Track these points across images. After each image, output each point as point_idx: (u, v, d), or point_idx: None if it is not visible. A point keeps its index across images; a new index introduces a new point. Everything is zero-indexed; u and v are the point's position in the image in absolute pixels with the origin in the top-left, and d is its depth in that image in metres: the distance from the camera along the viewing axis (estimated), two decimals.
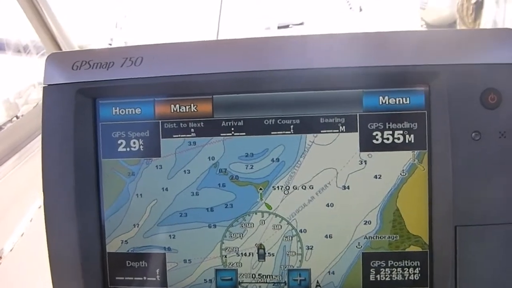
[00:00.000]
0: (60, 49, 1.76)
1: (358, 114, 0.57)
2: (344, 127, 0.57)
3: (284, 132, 0.58)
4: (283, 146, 0.58)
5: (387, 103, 0.57)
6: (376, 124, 0.57)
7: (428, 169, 0.57)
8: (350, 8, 4.71)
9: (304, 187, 0.58)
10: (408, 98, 0.57)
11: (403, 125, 0.57)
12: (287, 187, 0.58)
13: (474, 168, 0.55)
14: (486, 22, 3.43)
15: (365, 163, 0.57)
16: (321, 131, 0.58)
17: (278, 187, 0.58)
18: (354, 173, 0.57)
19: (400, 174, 0.57)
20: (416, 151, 0.57)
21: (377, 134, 0.57)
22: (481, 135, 0.55)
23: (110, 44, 2.58)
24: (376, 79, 0.57)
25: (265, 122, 0.58)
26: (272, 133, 0.58)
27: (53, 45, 1.74)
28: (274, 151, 0.58)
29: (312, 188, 0.58)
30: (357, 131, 0.57)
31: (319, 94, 0.58)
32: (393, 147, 0.57)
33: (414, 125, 0.57)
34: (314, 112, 0.58)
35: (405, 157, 0.57)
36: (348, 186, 0.57)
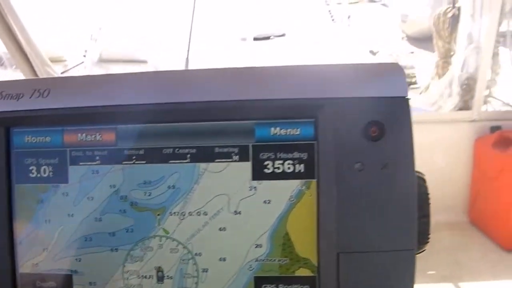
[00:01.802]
0: (29, 62, 1.79)
1: (250, 144, 0.60)
2: (237, 156, 0.61)
3: (181, 161, 0.61)
4: (178, 174, 0.61)
5: (278, 134, 0.60)
6: (267, 154, 0.60)
7: (317, 196, 0.60)
8: (333, 20, 4.77)
9: (198, 213, 0.61)
10: (298, 129, 0.60)
11: (293, 155, 0.60)
12: (183, 213, 0.61)
13: (357, 198, 0.58)
14: (462, 35, 3.48)
15: (255, 189, 0.60)
16: (216, 160, 0.61)
17: (174, 213, 0.61)
18: (245, 199, 0.60)
19: (289, 199, 0.60)
20: (304, 180, 0.60)
21: (268, 164, 0.60)
22: (364, 166, 0.58)
23: (84, 56, 2.63)
24: (267, 112, 0.60)
25: (163, 151, 0.61)
26: (170, 161, 0.61)
27: (22, 58, 1.76)
28: (170, 178, 0.61)
29: (206, 214, 0.61)
30: (249, 161, 0.60)
31: (214, 125, 0.61)
32: (283, 176, 0.60)
33: (304, 155, 0.60)
34: (209, 142, 0.61)
35: (294, 183, 0.60)
36: (240, 211, 0.61)
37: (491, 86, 3.44)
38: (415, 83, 4.92)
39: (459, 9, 3.48)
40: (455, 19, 3.50)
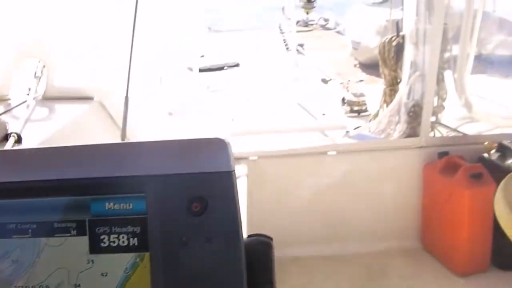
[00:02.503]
0: None
1: (87, 219, 0.64)
2: (75, 231, 0.64)
3: (23, 235, 0.64)
4: (21, 248, 0.64)
5: (112, 208, 0.64)
6: (103, 228, 0.64)
7: (150, 268, 0.63)
8: (287, 48, 4.82)
9: (41, 286, 0.64)
10: (131, 204, 0.63)
11: (128, 229, 0.63)
12: (27, 286, 0.64)
13: (185, 271, 0.61)
14: (407, 63, 3.56)
15: (93, 262, 0.63)
16: (55, 235, 0.64)
17: (19, 286, 0.64)
18: (83, 271, 0.64)
19: (124, 271, 0.63)
20: (138, 253, 0.63)
21: (104, 238, 0.63)
22: (189, 240, 0.61)
23: (28, 94, 2.65)
24: (101, 188, 0.63)
25: (7, 226, 0.64)
26: (13, 236, 0.64)
27: None
28: (14, 253, 0.64)
29: (48, 287, 0.64)
30: (86, 235, 0.64)
31: (52, 201, 0.64)
32: (119, 249, 0.63)
33: (137, 228, 0.63)
34: (48, 218, 0.64)
35: (129, 256, 0.63)
36: (79, 284, 0.64)
37: (438, 112, 3.52)
38: (365, 110, 5.01)
39: (403, 37, 3.56)
40: (400, 47, 3.58)
